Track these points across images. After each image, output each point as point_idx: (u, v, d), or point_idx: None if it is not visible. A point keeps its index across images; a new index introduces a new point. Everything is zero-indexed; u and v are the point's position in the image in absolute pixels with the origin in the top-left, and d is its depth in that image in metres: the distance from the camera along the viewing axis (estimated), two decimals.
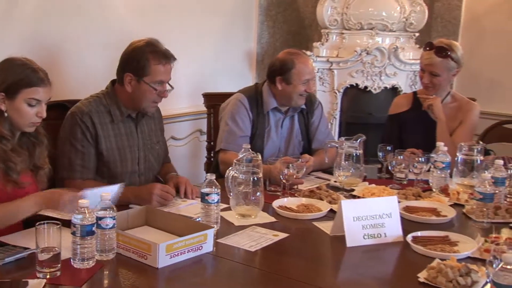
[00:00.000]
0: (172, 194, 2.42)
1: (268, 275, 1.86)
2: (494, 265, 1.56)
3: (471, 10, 4.85)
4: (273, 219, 2.30)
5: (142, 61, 2.48)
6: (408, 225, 2.21)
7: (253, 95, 3.05)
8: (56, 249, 1.71)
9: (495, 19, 4.74)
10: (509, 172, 2.53)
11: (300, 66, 2.94)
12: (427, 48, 3.12)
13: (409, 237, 2.07)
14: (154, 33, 2.57)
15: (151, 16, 3.79)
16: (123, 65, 2.55)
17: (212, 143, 3.61)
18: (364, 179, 2.81)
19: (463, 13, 4.87)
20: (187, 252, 1.87)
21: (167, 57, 2.53)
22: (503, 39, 4.71)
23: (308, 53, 4.46)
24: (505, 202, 2.50)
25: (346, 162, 2.63)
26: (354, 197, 2.56)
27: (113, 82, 2.62)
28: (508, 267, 1.47)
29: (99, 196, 1.87)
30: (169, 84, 2.58)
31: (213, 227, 2.02)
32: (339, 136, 4.27)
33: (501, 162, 2.50)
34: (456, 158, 2.71)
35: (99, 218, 1.81)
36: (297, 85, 2.94)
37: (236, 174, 2.27)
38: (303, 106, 3.09)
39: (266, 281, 1.82)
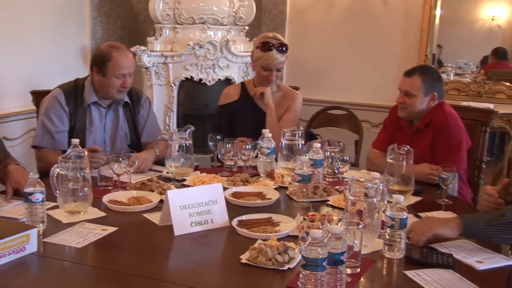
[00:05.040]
0: None
1: (97, 270, 1.84)
2: (306, 241, 1.68)
3: (295, 5, 5.14)
4: (103, 214, 2.27)
5: None
6: (236, 210, 2.31)
7: (71, 89, 3.00)
8: None
9: (316, 14, 5.07)
10: (326, 154, 2.73)
11: (116, 60, 2.90)
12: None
13: (234, 221, 2.16)
14: None
15: None
16: None
17: None
18: (196, 169, 2.87)
19: (288, 7, 5.15)
20: (8, 255, 1.81)
21: None
22: (324, 32, 5.06)
23: (143, 48, 4.48)
24: (324, 181, 2.71)
25: (177, 153, 2.69)
26: (185, 186, 2.60)
27: None
28: (315, 242, 1.59)
29: None
30: None
31: (37, 227, 1.97)
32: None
33: (318, 145, 2.67)
34: (280, 144, 2.86)
35: None
36: (112, 78, 2.91)
37: (62, 172, 2.23)
38: (127, 99, 3.07)
39: (95, 277, 1.80)
